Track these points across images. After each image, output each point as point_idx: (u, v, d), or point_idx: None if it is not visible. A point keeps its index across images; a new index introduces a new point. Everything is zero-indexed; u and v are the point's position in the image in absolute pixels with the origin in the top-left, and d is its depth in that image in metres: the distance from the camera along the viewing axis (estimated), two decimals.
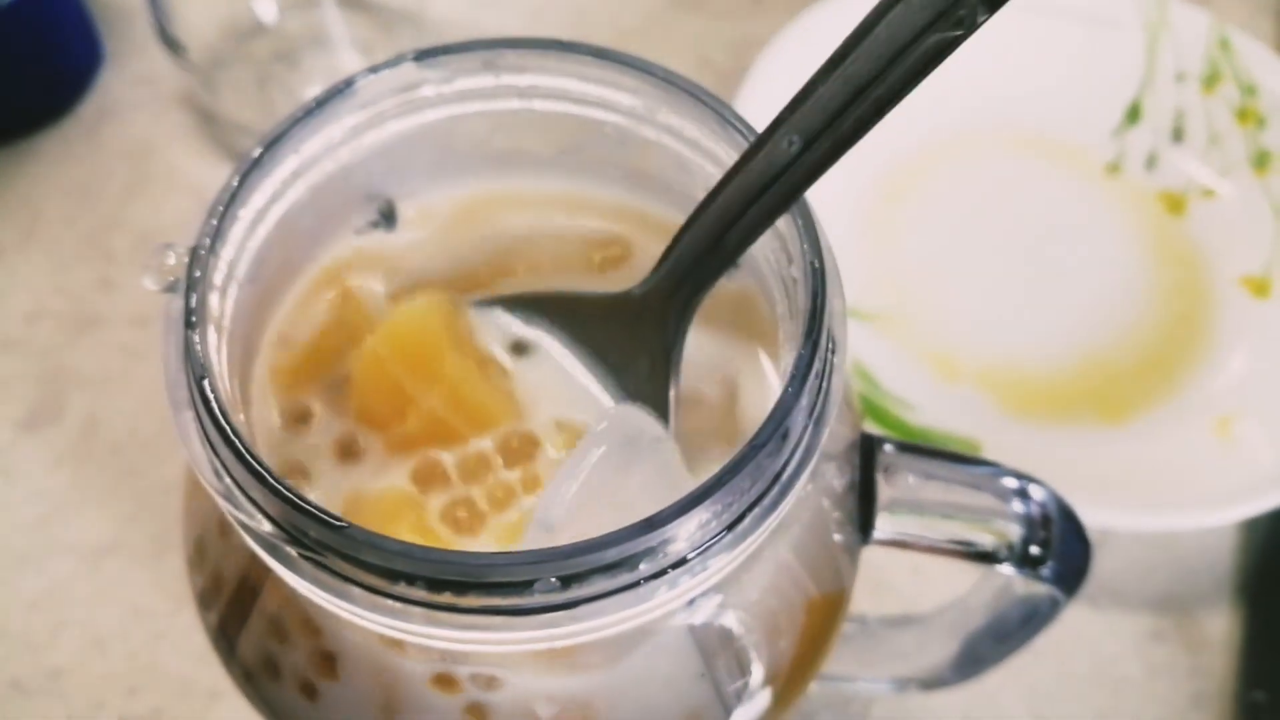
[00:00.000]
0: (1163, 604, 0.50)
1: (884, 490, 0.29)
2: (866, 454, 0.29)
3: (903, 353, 0.55)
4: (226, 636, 0.28)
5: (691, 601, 0.25)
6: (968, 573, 0.33)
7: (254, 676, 0.27)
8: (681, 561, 0.21)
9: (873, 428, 0.49)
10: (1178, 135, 0.62)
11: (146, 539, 0.50)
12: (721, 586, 0.25)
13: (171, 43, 0.59)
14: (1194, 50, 0.62)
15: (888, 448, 0.30)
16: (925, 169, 0.62)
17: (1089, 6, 0.63)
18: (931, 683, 0.39)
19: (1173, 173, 0.62)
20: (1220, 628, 0.49)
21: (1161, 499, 0.48)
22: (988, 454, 0.49)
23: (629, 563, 0.20)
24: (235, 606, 0.27)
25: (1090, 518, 0.33)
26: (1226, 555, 0.51)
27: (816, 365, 0.22)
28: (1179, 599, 0.50)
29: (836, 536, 0.29)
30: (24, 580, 0.49)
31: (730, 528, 0.21)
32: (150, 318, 0.55)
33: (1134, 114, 0.63)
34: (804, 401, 0.22)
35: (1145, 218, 0.61)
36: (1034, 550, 0.30)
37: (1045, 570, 0.30)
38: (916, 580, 0.49)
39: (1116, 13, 0.63)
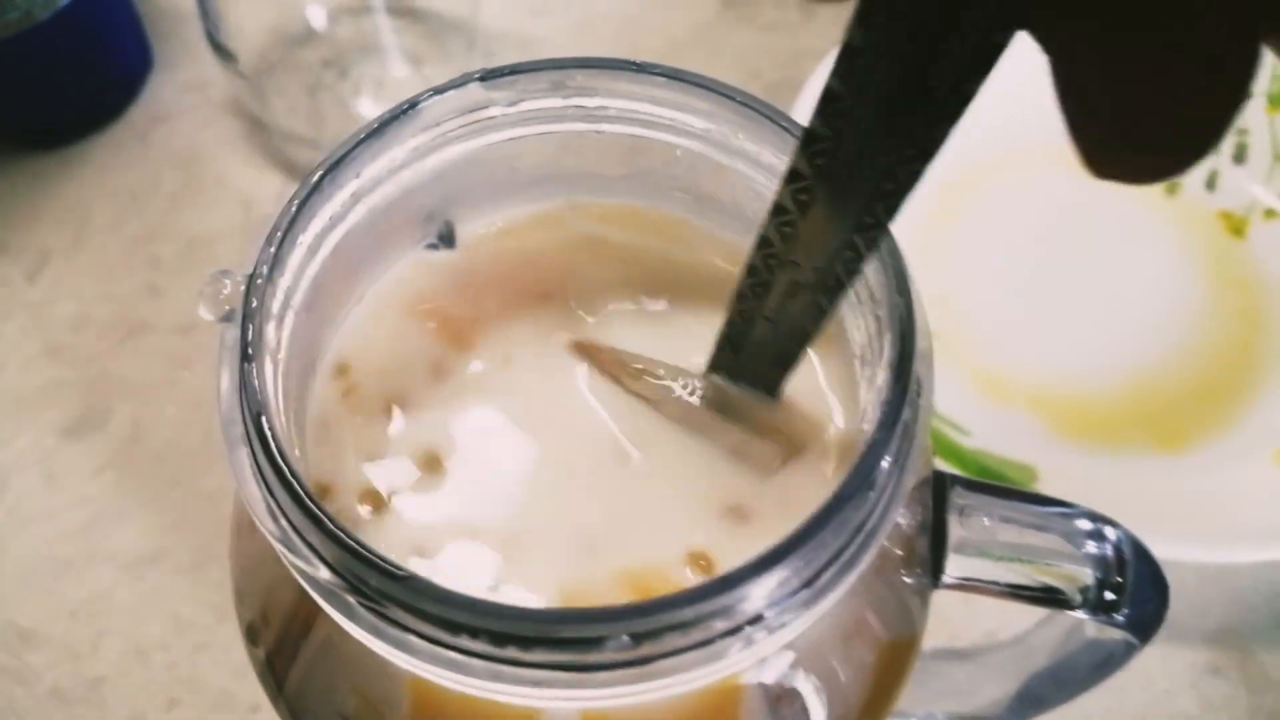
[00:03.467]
0: (1220, 639, 0.48)
1: (955, 531, 0.28)
2: (939, 494, 0.28)
3: (952, 373, 0.54)
4: (274, 672, 0.27)
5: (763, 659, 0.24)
6: (1023, 607, 0.32)
7: (303, 714, 0.27)
8: (758, 619, 0.20)
9: (940, 464, 0.48)
10: (1240, 155, 0.61)
11: (189, 549, 0.50)
12: (793, 641, 0.24)
13: (221, 49, 0.59)
14: (1260, 66, 0.61)
15: (960, 487, 0.28)
16: (977, 187, 0.61)
17: None
18: None
19: (1234, 193, 0.60)
20: None
21: (1219, 530, 0.47)
22: (1044, 481, 0.48)
23: (704, 620, 0.19)
24: (284, 643, 0.26)
25: None
26: None
27: (905, 413, 0.21)
28: (1237, 634, 0.48)
29: (907, 580, 0.28)
30: (66, 588, 0.49)
31: (809, 584, 0.20)
32: (196, 326, 0.55)
33: None
34: (891, 450, 0.21)
35: (1204, 239, 0.59)
36: (1108, 595, 0.29)
37: (1119, 615, 0.29)
38: (967, 609, 0.48)
39: None
